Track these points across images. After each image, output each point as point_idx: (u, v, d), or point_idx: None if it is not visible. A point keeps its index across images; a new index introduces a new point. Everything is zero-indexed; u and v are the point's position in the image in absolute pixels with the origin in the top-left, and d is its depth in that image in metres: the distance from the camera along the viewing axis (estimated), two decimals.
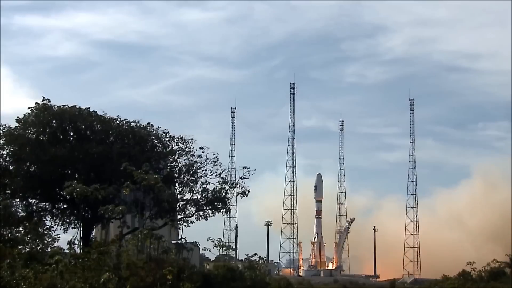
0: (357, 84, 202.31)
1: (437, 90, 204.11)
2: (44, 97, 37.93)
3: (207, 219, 39.05)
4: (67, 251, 27.77)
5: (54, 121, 37.95)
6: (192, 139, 39.88)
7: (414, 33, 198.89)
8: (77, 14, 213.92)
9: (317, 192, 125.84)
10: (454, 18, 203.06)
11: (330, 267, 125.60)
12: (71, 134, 38.46)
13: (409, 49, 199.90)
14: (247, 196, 37.57)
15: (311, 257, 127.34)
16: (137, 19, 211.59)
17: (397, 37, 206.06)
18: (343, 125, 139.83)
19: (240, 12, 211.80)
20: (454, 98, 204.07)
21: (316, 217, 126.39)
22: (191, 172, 39.28)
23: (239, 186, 37.45)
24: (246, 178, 36.38)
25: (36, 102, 37.73)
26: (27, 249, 29.68)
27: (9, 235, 31.03)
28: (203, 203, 38.73)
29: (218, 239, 37.07)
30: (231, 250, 68.41)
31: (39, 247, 29.95)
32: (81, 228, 36.02)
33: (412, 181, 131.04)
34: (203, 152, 38.82)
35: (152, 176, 28.76)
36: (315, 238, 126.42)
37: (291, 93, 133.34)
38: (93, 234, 40.21)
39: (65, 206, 38.41)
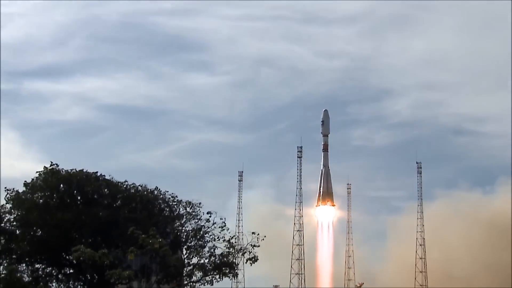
0: (364, 147, 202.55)
1: (443, 153, 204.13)
2: (52, 162, 38.13)
3: (213, 283, 38.63)
4: None
5: (61, 186, 37.99)
6: (199, 203, 39.82)
7: (420, 97, 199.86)
8: (86, 79, 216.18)
9: (324, 127, 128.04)
10: (459, 81, 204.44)
11: None
12: (79, 198, 38.43)
13: (415, 112, 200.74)
14: (256, 262, 37.26)
15: (319, 188, 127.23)
16: (145, 84, 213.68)
17: (403, 101, 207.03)
18: (350, 188, 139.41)
19: (246, 76, 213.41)
20: (461, 161, 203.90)
21: (322, 151, 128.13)
22: (198, 237, 39.07)
23: (248, 251, 37.20)
24: (257, 246, 36.43)
25: (44, 166, 37.90)
26: None
27: None
28: (210, 267, 38.36)
29: None
30: None
31: None
32: None
33: (420, 244, 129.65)
34: (210, 216, 38.73)
35: (157, 240, 28.64)
36: (322, 170, 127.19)
37: (298, 157, 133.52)
38: None
39: (71, 270, 38.11)
